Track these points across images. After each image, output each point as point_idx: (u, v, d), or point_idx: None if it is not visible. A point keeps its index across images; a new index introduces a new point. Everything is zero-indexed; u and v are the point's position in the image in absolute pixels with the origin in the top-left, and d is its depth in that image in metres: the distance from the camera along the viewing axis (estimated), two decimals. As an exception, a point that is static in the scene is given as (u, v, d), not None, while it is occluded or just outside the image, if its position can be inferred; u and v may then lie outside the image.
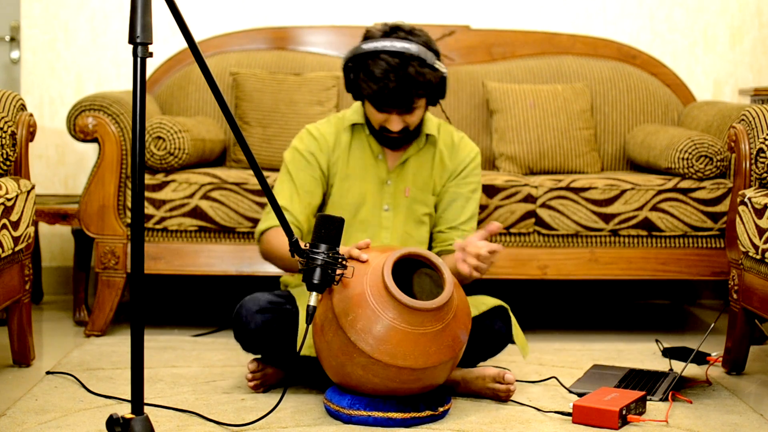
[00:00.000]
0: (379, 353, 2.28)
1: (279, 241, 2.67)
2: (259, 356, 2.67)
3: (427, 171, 2.81)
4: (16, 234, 2.73)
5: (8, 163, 2.80)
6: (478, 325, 2.62)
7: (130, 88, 3.81)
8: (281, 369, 2.68)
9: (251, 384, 2.64)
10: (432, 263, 2.40)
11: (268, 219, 2.74)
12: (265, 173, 3.24)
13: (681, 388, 2.73)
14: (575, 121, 3.77)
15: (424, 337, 2.31)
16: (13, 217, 2.70)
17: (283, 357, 2.60)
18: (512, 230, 3.40)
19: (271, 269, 3.28)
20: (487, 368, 2.62)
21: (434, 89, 2.67)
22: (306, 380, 2.68)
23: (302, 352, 2.54)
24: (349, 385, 2.39)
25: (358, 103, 2.82)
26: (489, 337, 2.66)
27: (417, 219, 2.81)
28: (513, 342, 2.71)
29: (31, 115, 2.94)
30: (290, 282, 2.87)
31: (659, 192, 3.41)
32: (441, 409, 2.43)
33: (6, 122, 2.77)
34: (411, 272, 2.56)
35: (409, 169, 2.80)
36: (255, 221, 3.35)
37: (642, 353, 3.18)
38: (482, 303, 2.67)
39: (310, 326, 2.42)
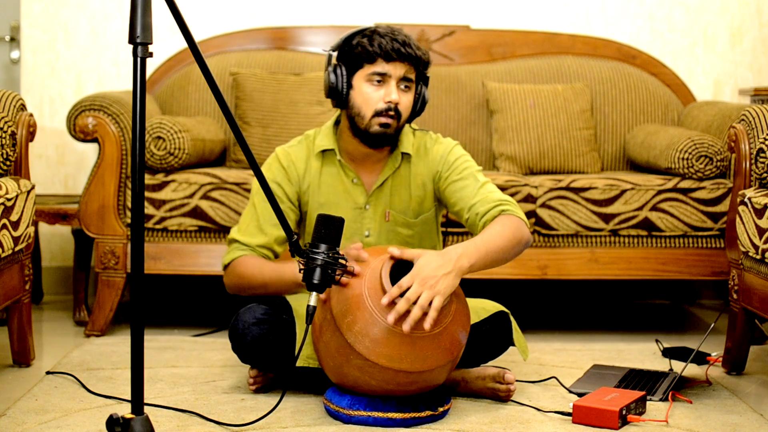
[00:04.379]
0: (375, 356, 2.28)
1: (257, 265, 2.61)
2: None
3: (405, 191, 2.71)
4: (16, 234, 2.73)
5: (8, 163, 2.80)
6: (478, 330, 2.61)
7: (130, 88, 3.81)
8: (280, 379, 2.67)
9: (252, 388, 2.64)
10: None
11: (233, 250, 2.66)
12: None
13: (681, 388, 2.73)
14: (575, 121, 3.77)
15: (421, 340, 2.30)
16: (13, 217, 2.70)
17: (282, 367, 2.59)
18: (512, 230, 3.40)
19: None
20: (487, 368, 2.62)
21: (425, 77, 2.66)
22: (305, 383, 2.68)
23: (299, 363, 2.53)
24: (347, 386, 2.39)
25: (328, 127, 2.72)
26: (490, 343, 2.65)
27: (401, 242, 2.72)
28: (513, 345, 2.70)
29: (31, 115, 2.94)
30: None
31: (659, 192, 3.41)
32: (441, 409, 2.43)
33: (6, 122, 2.77)
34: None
35: (387, 190, 2.70)
36: (255, 221, 3.35)
37: (642, 353, 3.18)
38: (483, 309, 2.66)
39: (314, 326, 2.42)
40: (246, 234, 2.67)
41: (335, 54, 2.65)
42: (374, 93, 2.58)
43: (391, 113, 2.58)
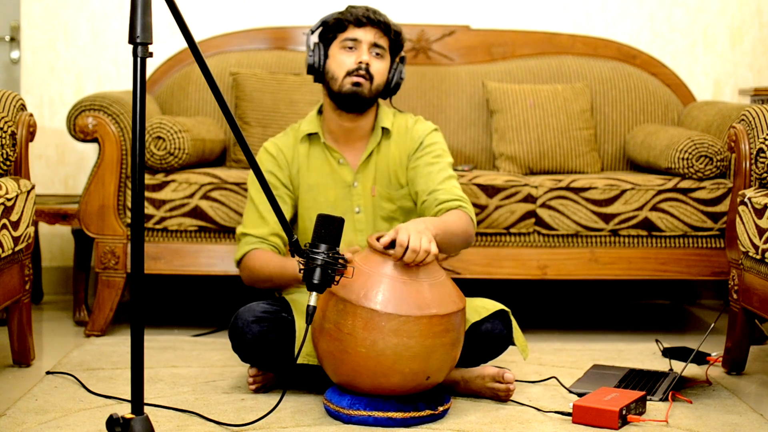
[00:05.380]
0: (406, 309, 2.32)
1: (263, 259, 2.69)
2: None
3: (386, 166, 2.81)
4: (16, 234, 2.73)
5: (8, 163, 2.80)
6: (479, 329, 2.63)
7: (130, 88, 3.81)
8: (280, 376, 2.68)
9: (252, 387, 2.64)
10: None
11: (244, 245, 2.75)
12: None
13: (681, 388, 2.73)
14: (575, 121, 3.77)
15: (435, 286, 2.38)
16: (13, 217, 2.70)
17: (282, 366, 2.59)
18: (512, 230, 3.40)
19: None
20: (486, 367, 2.62)
21: (398, 48, 2.81)
22: (305, 382, 2.68)
23: (300, 360, 2.54)
24: (383, 367, 2.33)
25: (312, 113, 2.84)
26: (490, 340, 2.66)
27: (386, 217, 2.82)
28: (513, 344, 2.71)
29: (31, 115, 2.94)
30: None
31: (659, 192, 3.41)
32: (441, 409, 2.43)
33: (6, 122, 2.77)
34: None
35: (372, 166, 2.80)
36: (255, 221, 3.35)
37: (642, 353, 3.18)
38: (483, 308, 2.67)
39: (314, 333, 2.42)
40: (251, 226, 2.76)
41: (314, 35, 2.81)
42: (347, 58, 2.74)
43: (362, 73, 2.71)
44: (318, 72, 2.77)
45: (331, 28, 2.77)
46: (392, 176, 2.81)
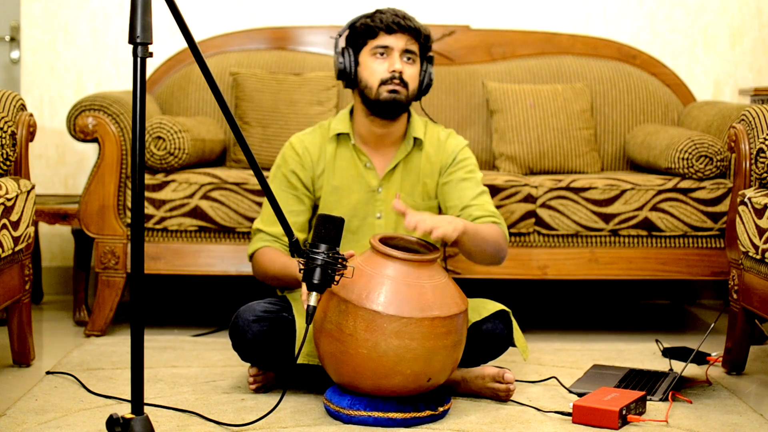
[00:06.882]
0: (408, 311, 2.32)
1: (270, 258, 2.69)
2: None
3: (415, 175, 2.79)
4: (16, 234, 2.73)
5: (8, 163, 2.80)
6: (479, 328, 2.63)
7: (130, 88, 3.81)
8: (280, 376, 2.68)
9: (252, 387, 2.64)
10: (406, 240, 2.51)
11: (257, 241, 2.76)
12: (265, 173, 3.23)
13: (681, 388, 2.73)
14: (575, 121, 3.77)
15: (438, 287, 2.38)
16: (13, 217, 2.71)
17: (282, 365, 2.60)
18: (512, 230, 3.40)
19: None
20: (486, 368, 2.62)
21: (428, 51, 2.78)
22: (305, 382, 2.68)
23: (300, 360, 2.54)
24: (385, 368, 2.33)
25: (344, 113, 2.81)
26: (490, 341, 2.66)
27: None
28: (514, 345, 2.71)
29: (31, 115, 2.94)
30: None
31: (659, 192, 3.42)
32: (441, 409, 2.43)
33: (6, 122, 2.77)
34: None
35: (399, 174, 2.79)
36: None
37: (642, 353, 3.18)
38: (484, 308, 2.68)
39: (315, 333, 2.42)
40: (267, 223, 2.76)
41: (342, 38, 2.78)
42: (379, 66, 2.70)
43: (397, 81, 2.68)
44: (350, 78, 2.73)
45: (360, 34, 2.71)
46: (421, 187, 2.79)
